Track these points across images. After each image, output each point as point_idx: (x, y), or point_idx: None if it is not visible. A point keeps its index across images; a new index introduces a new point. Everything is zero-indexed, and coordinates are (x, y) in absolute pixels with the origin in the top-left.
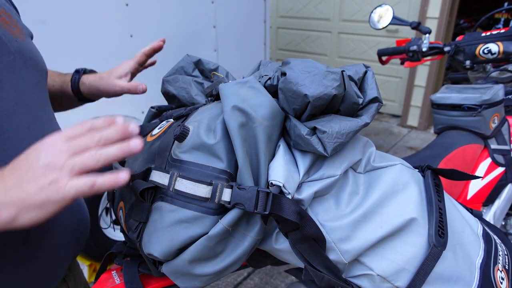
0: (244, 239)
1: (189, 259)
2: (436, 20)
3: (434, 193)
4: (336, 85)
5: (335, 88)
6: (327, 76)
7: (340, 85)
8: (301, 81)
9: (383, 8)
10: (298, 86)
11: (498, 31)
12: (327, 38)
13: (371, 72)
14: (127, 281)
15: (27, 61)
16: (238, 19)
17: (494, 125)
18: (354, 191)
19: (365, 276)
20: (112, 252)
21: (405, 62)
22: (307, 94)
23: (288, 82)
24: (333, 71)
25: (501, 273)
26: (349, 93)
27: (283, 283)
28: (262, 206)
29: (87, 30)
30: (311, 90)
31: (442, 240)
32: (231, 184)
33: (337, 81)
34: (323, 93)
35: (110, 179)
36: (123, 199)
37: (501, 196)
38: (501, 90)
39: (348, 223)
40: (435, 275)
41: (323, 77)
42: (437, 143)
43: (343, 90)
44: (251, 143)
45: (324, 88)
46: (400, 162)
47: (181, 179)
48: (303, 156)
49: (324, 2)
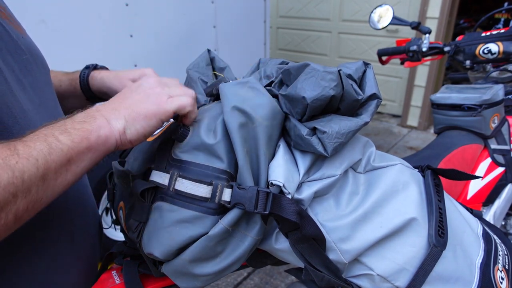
0: (244, 239)
1: (189, 259)
2: (436, 20)
3: (434, 193)
4: (333, 85)
5: (333, 88)
6: (324, 77)
7: (337, 85)
8: (299, 84)
9: (383, 8)
10: (296, 89)
11: (498, 31)
12: (327, 38)
13: (370, 69)
14: (127, 281)
15: (36, 59)
16: (238, 19)
17: (494, 125)
18: (354, 191)
19: (365, 276)
20: (112, 252)
21: (405, 62)
22: (305, 97)
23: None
24: (330, 71)
25: (501, 273)
26: (348, 91)
27: (283, 283)
28: (262, 206)
29: (87, 30)
30: (308, 92)
31: (442, 240)
32: (231, 184)
33: (334, 81)
34: (321, 94)
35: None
36: (123, 199)
37: (501, 196)
38: (501, 90)
39: (348, 223)
40: (435, 275)
41: (320, 78)
42: (437, 143)
43: (341, 90)
44: (251, 143)
45: (321, 89)
46: (400, 162)
47: (181, 179)
48: (303, 156)
49: (324, 2)
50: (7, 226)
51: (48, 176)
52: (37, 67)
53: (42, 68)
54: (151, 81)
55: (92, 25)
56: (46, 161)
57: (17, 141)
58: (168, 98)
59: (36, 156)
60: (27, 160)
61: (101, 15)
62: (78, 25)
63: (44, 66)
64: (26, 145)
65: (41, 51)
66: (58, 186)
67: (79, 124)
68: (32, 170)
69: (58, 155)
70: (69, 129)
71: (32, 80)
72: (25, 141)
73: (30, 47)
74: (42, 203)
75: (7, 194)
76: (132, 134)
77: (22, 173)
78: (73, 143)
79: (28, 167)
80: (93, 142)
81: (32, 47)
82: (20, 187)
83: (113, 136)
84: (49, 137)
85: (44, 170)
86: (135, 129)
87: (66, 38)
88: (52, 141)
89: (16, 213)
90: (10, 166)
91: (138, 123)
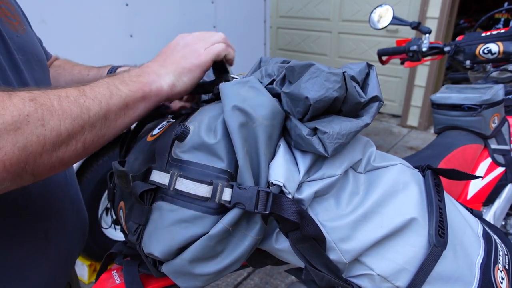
0: (244, 239)
1: (189, 259)
2: (436, 20)
3: (435, 193)
4: (337, 87)
5: (336, 90)
6: (329, 78)
7: (341, 87)
8: (303, 84)
9: (383, 8)
10: (299, 89)
11: (498, 31)
12: (327, 38)
13: (374, 72)
14: (128, 281)
15: (30, 58)
16: (238, 19)
17: (494, 125)
18: (354, 191)
19: (366, 276)
20: (112, 252)
21: (405, 62)
22: (308, 97)
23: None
24: (335, 72)
25: (501, 273)
26: (351, 94)
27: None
28: (262, 206)
29: (87, 30)
30: (312, 92)
31: (442, 240)
32: (232, 184)
33: (338, 82)
34: (324, 96)
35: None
36: (123, 199)
37: (501, 196)
38: (501, 90)
39: (348, 223)
40: (435, 275)
41: (324, 79)
42: (437, 143)
43: (344, 92)
44: (252, 143)
45: (325, 90)
46: (401, 162)
47: (181, 179)
48: (304, 156)
49: (324, 2)
50: (77, 152)
51: (109, 116)
52: (32, 66)
53: (36, 67)
54: (188, 39)
55: (92, 25)
56: (107, 103)
57: (86, 85)
58: (204, 50)
59: (100, 98)
60: (92, 100)
61: (101, 15)
62: (78, 25)
63: (41, 65)
64: (92, 89)
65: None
66: (118, 126)
67: (135, 77)
68: (96, 109)
69: (118, 100)
70: (127, 80)
71: (24, 79)
72: (92, 86)
73: (25, 46)
74: (105, 138)
75: (77, 125)
76: (181, 86)
77: (88, 110)
78: (130, 91)
79: (93, 106)
80: (147, 92)
81: (27, 46)
82: (87, 121)
83: (164, 89)
84: (111, 86)
85: (106, 111)
86: (183, 82)
87: (66, 38)
88: (113, 88)
89: (84, 142)
90: (79, 104)
91: (185, 76)
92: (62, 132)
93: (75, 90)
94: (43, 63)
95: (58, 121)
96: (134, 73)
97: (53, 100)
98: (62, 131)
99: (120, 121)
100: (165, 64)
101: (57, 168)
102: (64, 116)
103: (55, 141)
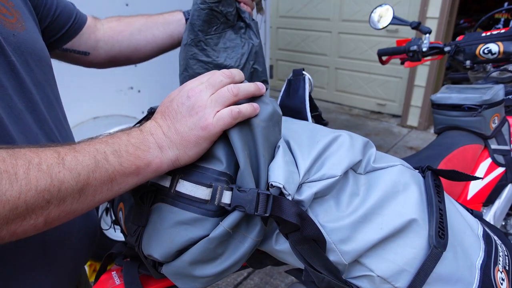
0: (245, 241)
1: (189, 261)
2: (436, 20)
3: (435, 194)
4: None
5: None
6: None
7: None
8: None
9: (383, 8)
10: None
11: (498, 31)
12: (327, 38)
13: None
14: (127, 281)
15: (28, 59)
16: None
17: (494, 125)
18: (354, 192)
19: (365, 277)
20: (112, 252)
21: (405, 62)
22: None
23: None
24: None
25: (501, 274)
26: None
27: (283, 283)
28: (262, 208)
29: None
30: None
31: (442, 241)
32: (231, 187)
33: None
34: None
35: (251, 107)
36: (122, 200)
37: (501, 196)
38: (502, 90)
39: (348, 224)
40: (435, 276)
41: None
42: (437, 143)
43: None
44: (250, 145)
45: None
46: (401, 162)
47: (182, 181)
48: (303, 156)
49: (324, 2)
50: (36, 227)
51: (86, 191)
52: (31, 66)
53: (36, 67)
54: (193, 99)
55: None
56: (87, 177)
57: (69, 149)
58: (213, 119)
59: (79, 170)
60: (69, 172)
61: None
62: None
63: (42, 64)
64: (75, 157)
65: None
66: (96, 201)
67: (133, 148)
68: (71, 182)
69: (102, 174)
70: (122, 150)
71: (22, 82)
72: (76, 151)
73: (22, 45)
74: (75, 214)
75: (41, 199)
76: (185, 160)
77: (61, 183)
78: (121, 166)
79: (68, 178)
80: (142, 168)
81: (24, 45)
82: (56, 195)
83: (164, 166)
84: (99, 154)
85: (84, 185)
86: (187, 156)
87: None
88: (101, 159)
89: (46, 218)
90: (51, 174)
91: (190, 150)
92: (19, 206)
93: (53, 156)
94: (44, 62)
95: (18, 193)
96: (133, 139)
97: (19, 167)
98: (19, 204)
99: (99, 197)
100: (169, 134)
101: (7, 241)
102: (27, 188)
103: (7, 215)
